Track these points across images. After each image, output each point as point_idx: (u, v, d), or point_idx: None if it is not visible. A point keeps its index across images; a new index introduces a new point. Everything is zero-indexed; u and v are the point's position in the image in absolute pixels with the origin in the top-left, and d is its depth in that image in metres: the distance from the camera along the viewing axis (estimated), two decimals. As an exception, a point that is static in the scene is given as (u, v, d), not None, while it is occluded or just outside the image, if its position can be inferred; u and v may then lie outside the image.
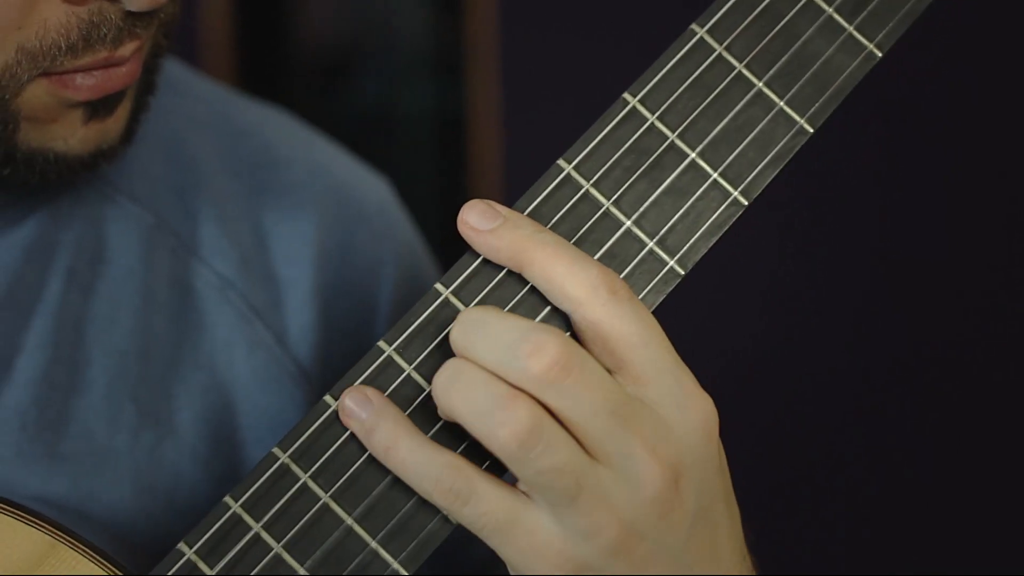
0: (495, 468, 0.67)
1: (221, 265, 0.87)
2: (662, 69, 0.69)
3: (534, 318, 0.68)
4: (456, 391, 0.65)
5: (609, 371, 0.66)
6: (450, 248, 0.70)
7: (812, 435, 2.08)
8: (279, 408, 0.87)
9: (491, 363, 0.65)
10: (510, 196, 0.69)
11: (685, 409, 0.66)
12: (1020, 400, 2.05)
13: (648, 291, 0.69)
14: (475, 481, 0.66)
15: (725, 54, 0.69)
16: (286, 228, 0.90)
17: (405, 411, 0.67)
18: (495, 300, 0.68)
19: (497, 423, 0.64)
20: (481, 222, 0.67)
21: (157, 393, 0.84)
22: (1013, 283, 2.04)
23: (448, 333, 0.67)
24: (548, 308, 0.68)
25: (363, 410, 0.67)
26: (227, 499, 0.67)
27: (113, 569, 0.68)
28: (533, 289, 0.68)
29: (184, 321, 0.86)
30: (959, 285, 2.06)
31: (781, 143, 0.69)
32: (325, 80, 2.33)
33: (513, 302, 0.68)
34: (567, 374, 0.64)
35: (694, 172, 0.69)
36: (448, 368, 0.66)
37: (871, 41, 0.70)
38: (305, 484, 0.67)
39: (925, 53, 1.89)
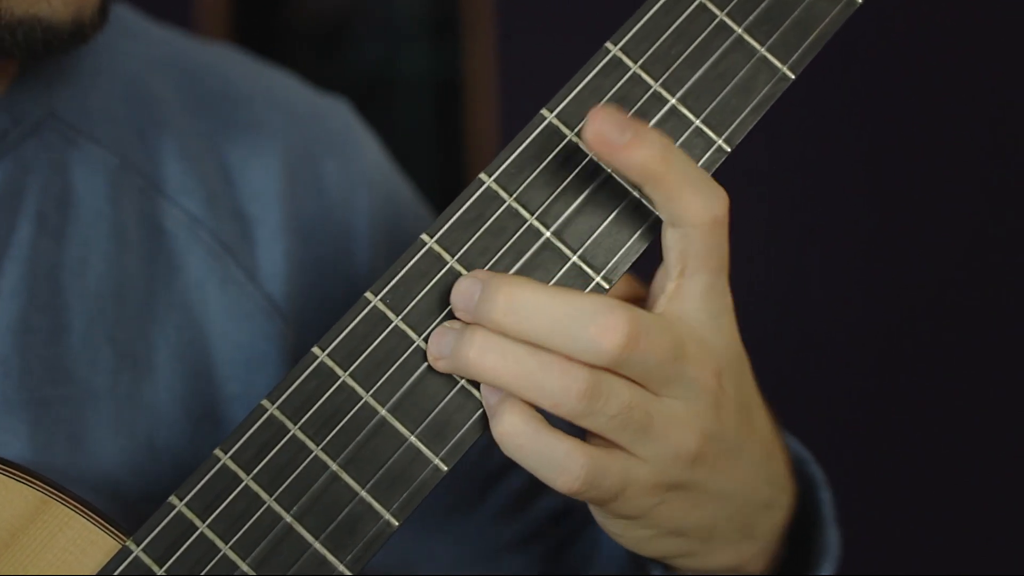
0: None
1: (189, 203, 0.88)
2: (644, 18, 0.69)
3: (517, 262, 0.68)
4: (495, 361, 0.66)
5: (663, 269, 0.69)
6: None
7: (811, 431, 2.06)
8: (253, 344, 0.88)
9: (553, 345, 0.66)
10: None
11: (720, 324, 0.69)
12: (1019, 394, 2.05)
13: (635, 240, 0.69)
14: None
15: (708, 3, 0.70)
16: (251, 164, 0.90)
17: (391, 364, 0.68)
18: (480, 248, 0.68)
19: (560, 393, 0.65)
20: (615, 134, 0.66)
21: (133, 334, 0.85)
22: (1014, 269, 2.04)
23: (434, 283, 0.68)
24: (535, 247, 0.68)
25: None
26: (216, 452, 0.67)
27: (104, 524, 0.69)
28: (523, 235, 0.68)
29: (156, 261, 0.86)
30: (956, 280, 2.05)
31: (764, 90, 0.69)
32: (323, 43, 2.33)
33: (500, 252, 0.68)
34: (636, 344, 0.65)
35: (676, 119, 0.69)
36: (476, 341, 0.66)
37: None
38: (293, 435, 0.67)
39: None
